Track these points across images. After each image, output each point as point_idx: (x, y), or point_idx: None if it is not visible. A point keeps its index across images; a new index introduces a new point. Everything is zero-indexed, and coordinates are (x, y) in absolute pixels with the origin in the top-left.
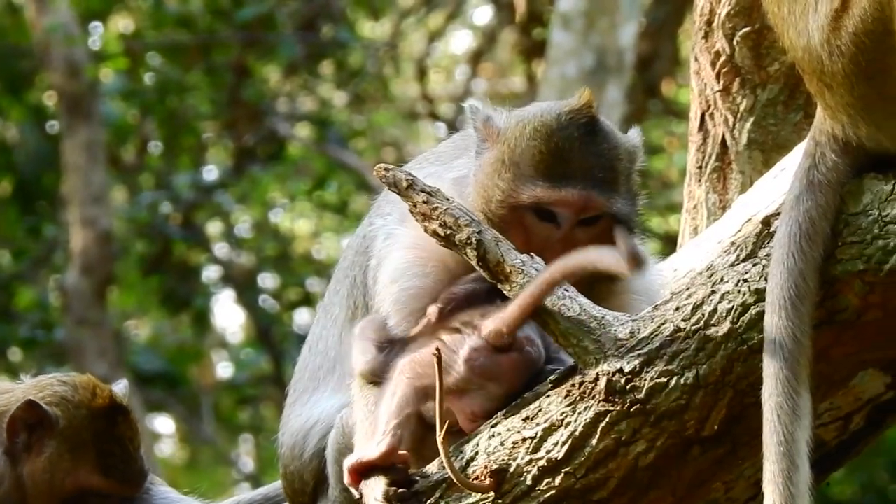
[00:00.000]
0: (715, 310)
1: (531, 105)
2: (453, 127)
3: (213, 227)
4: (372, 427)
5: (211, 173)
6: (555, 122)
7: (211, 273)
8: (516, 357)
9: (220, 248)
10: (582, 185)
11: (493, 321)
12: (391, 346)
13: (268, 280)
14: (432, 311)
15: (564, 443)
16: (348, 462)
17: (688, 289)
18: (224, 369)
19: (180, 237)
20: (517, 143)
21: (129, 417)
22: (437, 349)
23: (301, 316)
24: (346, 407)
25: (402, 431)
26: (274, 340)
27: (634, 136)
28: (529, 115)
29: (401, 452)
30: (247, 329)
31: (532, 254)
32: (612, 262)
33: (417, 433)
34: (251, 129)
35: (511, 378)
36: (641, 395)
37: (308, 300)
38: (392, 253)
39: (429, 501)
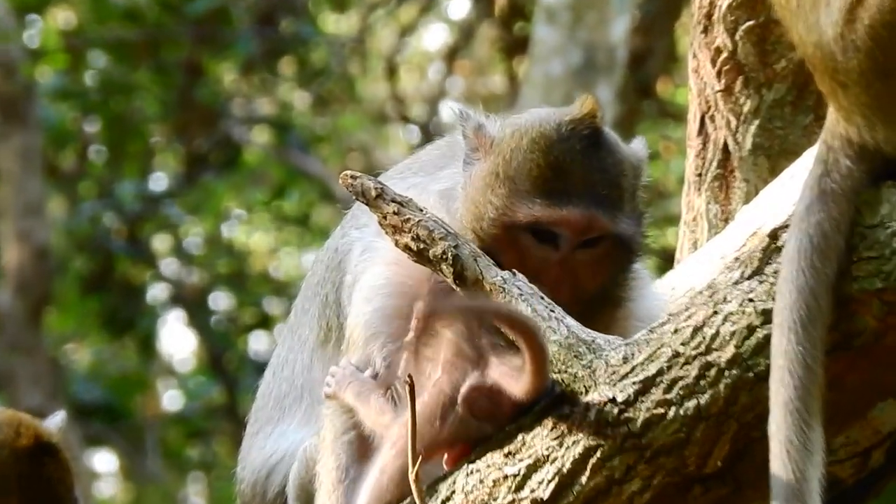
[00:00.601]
0: (717, 333)
1: (528, 112)
2: (426, 130)
3: (161, 242)
4: None
5: (159, 182)
6: (555, 133)
7: (158, 292)
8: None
9: (169, 265)
10: (584, 204)
11: (499, 376)
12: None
13: (221, 300)
14: (419, 308)
15: (550, 481)
16: None
17: (687, 309)
18: (172, 400)
19: (124, 252)
20: (513, 156)
21: (58, 457)
22: (409, 375)
23: (258, 340)
24: (313, 436)
25: None
26: (227, 368)
27: (639, 147)
28: (526, 125)
29: None
30: (198, 355)
31: (514, 270)
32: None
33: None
34: (204, 133)
35: (509, 419)
36: (636, 428)
37: (266, 322)
38: (370, 268)
39: None
